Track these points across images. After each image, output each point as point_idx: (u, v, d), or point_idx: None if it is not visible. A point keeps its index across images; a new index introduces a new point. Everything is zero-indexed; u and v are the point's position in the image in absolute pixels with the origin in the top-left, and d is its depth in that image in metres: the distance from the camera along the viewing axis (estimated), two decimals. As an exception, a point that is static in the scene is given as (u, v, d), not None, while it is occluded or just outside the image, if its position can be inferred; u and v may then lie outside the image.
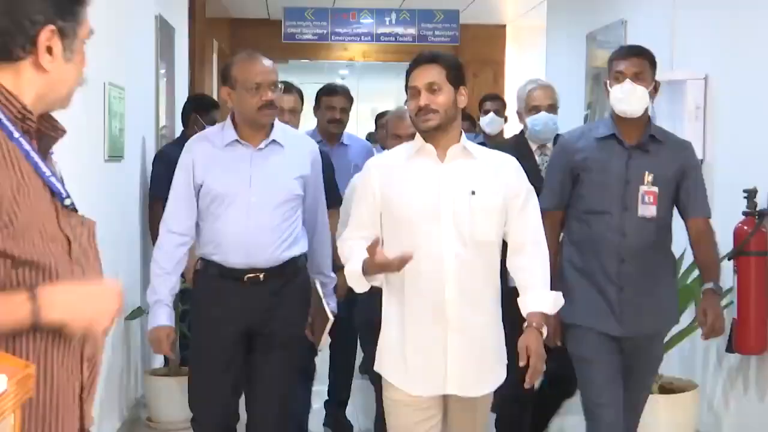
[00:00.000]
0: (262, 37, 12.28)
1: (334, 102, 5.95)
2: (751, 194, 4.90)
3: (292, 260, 4.03)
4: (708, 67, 5.78)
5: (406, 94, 3.47)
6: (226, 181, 3.90)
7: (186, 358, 5.77)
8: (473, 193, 3.34)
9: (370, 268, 3.30)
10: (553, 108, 5.12)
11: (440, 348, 3.36)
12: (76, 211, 2.03)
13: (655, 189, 3.88)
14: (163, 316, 3.94)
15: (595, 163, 3.98)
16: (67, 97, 2.08)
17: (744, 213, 4.93)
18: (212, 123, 6.61)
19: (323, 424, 6.06)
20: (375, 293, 3.58)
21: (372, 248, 3.20)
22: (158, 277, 3.98)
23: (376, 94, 17.57)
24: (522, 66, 12.86)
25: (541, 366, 3.32)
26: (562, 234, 4.28)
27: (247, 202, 3.90)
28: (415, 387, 3.43)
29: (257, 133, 3.97)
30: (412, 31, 11.52)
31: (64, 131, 2.08)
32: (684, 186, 4.04)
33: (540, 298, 3.42)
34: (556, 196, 4.14)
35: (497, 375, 3.55)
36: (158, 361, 6.66)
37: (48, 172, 1.93)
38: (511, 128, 6.73)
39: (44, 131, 2.03)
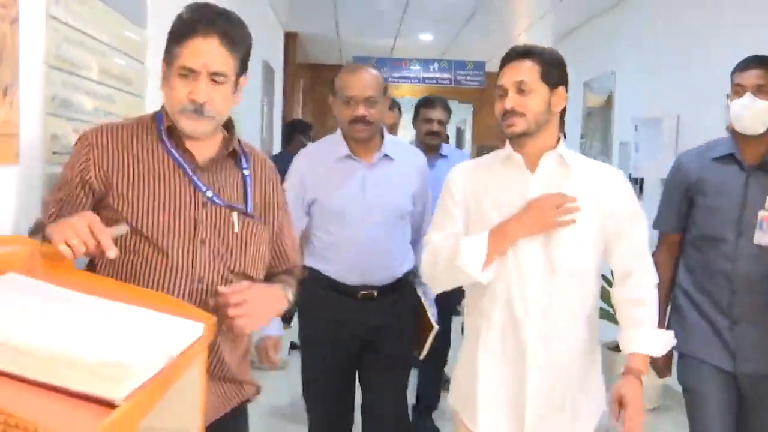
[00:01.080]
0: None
1: (432, 114, 4.73)
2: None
3: (404, 275, 3.14)
4: (680, 108, 5.76)
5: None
6: (340, 198, 2.97)
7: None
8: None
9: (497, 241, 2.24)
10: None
11: (517, 387, 2.32)
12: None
13: None
14: (272, 326, 2.97)
15: (710, 185, 2.85)
16: (174, 114, 1.87)
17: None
18: (311, 141, 7.09)
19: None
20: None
21: None
22: None
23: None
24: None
25: (640, 419, 2.24)
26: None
27: (362, 220, 2.98)
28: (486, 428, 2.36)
29: (367, 147, 3.00)
30: (448, 76, 11.46)
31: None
32: None
33: (648, 339, 2.36)
34: (673, 217, 3.01)
35: (589, 408, 2.41)
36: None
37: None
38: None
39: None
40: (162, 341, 1.30)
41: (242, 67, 1.91)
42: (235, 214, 1.91)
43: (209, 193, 1.88)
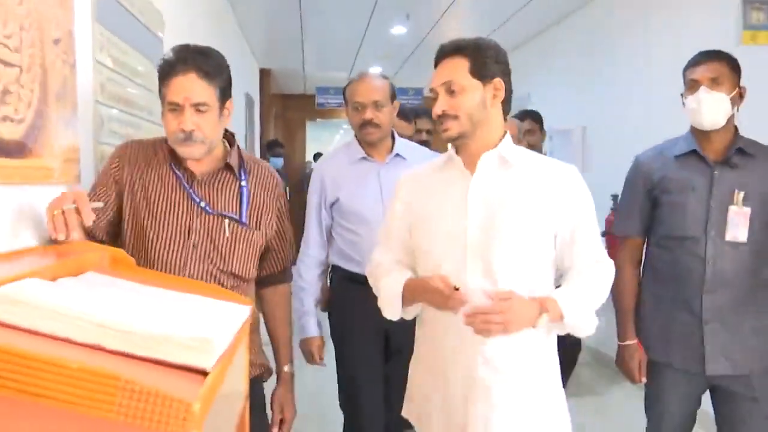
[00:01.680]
0: (303, 104, 12.29)
1: (421, 125, 4.18)
2: (615, 197, 4.50)
3: None
4: (585, 121, 5.91)
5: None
6: (359, 196, 2.65)
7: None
8: (504, 212, 1.74)
9: (415, 292, 1.81)
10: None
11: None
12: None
13: (747, 209, 2.23)
14: (312, 327, 2.73)
15: (675, 183, 2.32)
16: (171, 143, 1.82)
17: (611, 209, 4.66)
18: (279, 155, 7.49)
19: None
20: None
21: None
22: (303, 290, 2.72)
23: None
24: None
25: (498, 320, 1.62)
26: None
27: (381, 216, 2.43)
28: None
29: (379, 149, 2.69)
30: (394, 100, 11.51)
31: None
32: None
33: (572, 298, 1.74)
34: (633, 220, 2.43)
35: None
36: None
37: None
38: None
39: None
40: (226, 321, 1.32)
41: (224, 94, 1.83)
42: (226, 222, 1.87)
43: (202, 204, 1.85)
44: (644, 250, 2.51)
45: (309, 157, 13.19)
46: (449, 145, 1.87)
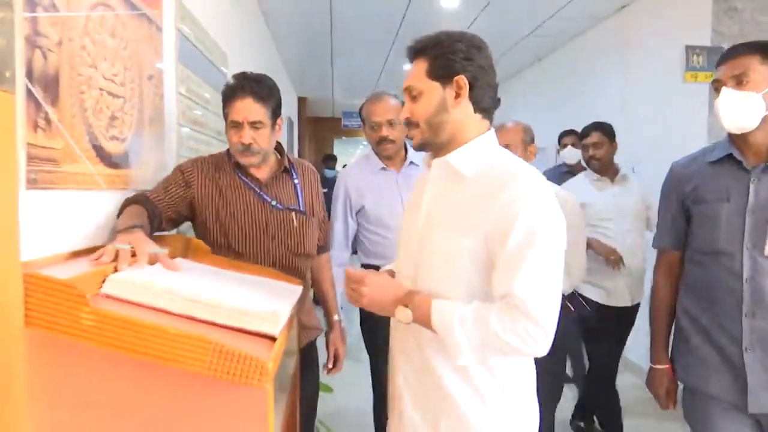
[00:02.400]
0: (332, 125, 12.30)
1: None
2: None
3: None
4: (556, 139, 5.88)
5: None
6: (381, 204, 2.44)
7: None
8: (437, 228, 1.26)
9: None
10: None
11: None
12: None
13: None
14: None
15: (709, 192, 1.68)
16: (233, 154, 1.77)
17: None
18: (332, 168, 7.56)
19: None
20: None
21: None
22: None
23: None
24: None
25: (360, 291, 1.25)
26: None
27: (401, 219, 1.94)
28: None
29: (395, 161, 2.50)
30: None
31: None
32: None
33: (448, 310, 1.16)
34: (667, 232, 1.81)
35: None
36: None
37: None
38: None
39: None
40: (285, 297, 1.34)
41: (275, 113, 1.79)
42: (293, 214, 1.85)
43: (273, 202, 1.82)
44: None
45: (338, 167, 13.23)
46: None
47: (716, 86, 1.63)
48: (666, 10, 4.13)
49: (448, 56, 1.25)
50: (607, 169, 3.01)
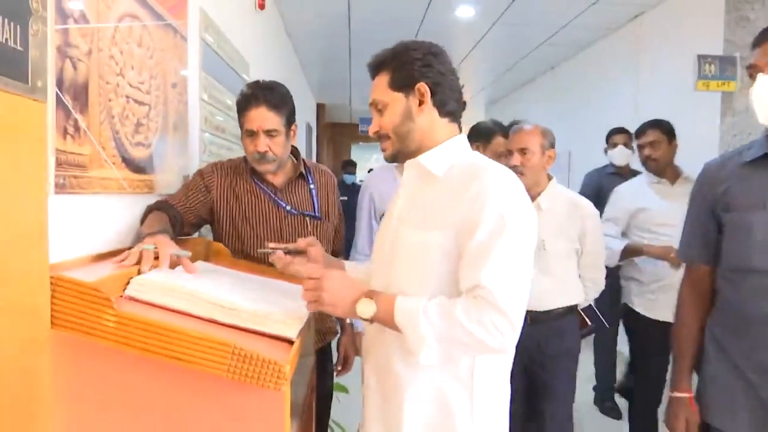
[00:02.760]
0: (349, 131, 12.32)
1: None
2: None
3: None
4: (570, 146, 5.83)
5: None
6: None
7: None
8: (409, 225, 1.21)
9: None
10: None
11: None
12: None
13: None
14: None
15: (741, 198, 1.32)
16: (249, 161, 1.75)
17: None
18: (352, 173, 7.52)
19: None
20: None
21: None
22: None
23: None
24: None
25: (313, 294, 1.13)
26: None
27: None
28: None
29: None
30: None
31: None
32: None
33: (410, 307, 1.09)
34: (694, 243, 1.45)
35: None
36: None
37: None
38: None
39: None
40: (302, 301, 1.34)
41: (290, 120, 1.76)
42: (307, 219, 1.82)
43: (288, 207, 1.79)
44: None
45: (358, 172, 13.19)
46: None
47: (751, 72, 1.30)
48: (678, 19, 4.09)
49: (407, 66, 1.23)
50: (665, 170, 2.60)
